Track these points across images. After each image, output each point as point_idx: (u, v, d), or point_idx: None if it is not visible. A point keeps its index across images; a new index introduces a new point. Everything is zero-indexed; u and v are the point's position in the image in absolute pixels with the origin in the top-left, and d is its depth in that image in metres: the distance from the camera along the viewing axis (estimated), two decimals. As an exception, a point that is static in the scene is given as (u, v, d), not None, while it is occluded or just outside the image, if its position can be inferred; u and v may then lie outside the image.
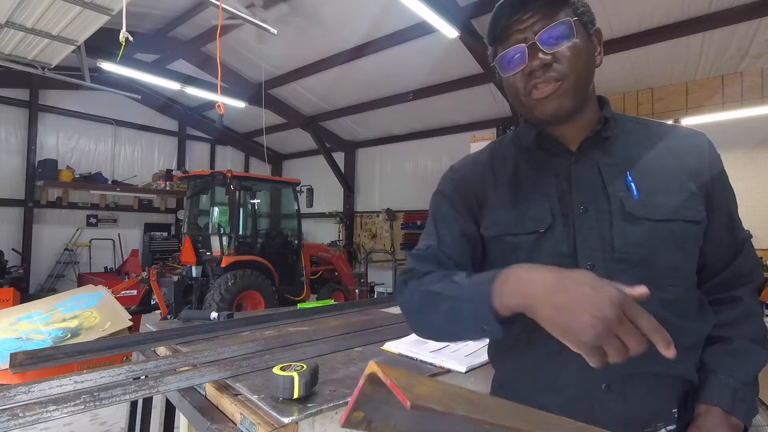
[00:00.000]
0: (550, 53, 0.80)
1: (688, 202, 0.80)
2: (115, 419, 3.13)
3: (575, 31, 0.80)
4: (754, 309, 0.87)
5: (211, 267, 5.27)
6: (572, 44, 0.80)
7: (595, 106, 0.89)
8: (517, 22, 0.82)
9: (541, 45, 0.80)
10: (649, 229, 0.78)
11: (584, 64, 0.83)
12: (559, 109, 0.82)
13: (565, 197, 0.84)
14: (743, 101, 5.49)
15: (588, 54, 0.84)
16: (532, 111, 0.85)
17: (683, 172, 0.82)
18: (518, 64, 0.83)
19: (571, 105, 0.83)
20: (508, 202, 0.89)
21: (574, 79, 0.81)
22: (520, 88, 0.84)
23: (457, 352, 1.26)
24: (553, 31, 0.80)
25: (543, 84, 0.81)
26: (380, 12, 5.58)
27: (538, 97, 0.82)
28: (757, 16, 4.60)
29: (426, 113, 8.04)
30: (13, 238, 7.72)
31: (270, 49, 6.90)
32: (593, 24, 0.86)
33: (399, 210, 9.23)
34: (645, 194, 0.80)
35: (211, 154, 11.10)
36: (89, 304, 3.44)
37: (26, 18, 3.74)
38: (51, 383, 0.92)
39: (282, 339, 1.36)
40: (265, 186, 6.73)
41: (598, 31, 0.87)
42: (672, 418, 0.79)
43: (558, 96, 0.81)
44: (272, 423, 0.83)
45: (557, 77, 0.81)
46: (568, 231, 0.82)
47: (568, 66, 0.80)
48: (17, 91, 7.77)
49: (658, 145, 0.86)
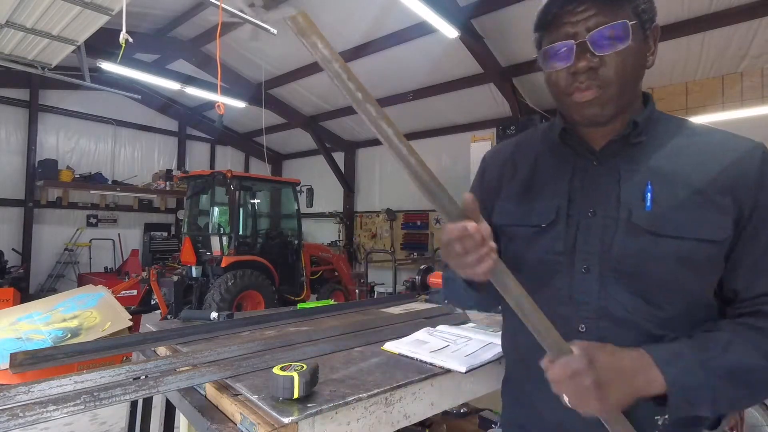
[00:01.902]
0: (599, 56, 0.75)
1: (708, 219, 0.73)
2: (115, 419, 3.13)
3: (631, 35, 0.74)
4: None
5: (211, 267, 5.27)
6: (625, 49, 0.74)
7: (637, 106, 0.83)
8: (570, 13, 0.76)
9: (592, 45, 0.74)
10: (649, 243, 0.74)
11: (633, 70, 0.77)
12: (598, 116, 0.79)
13: (577, 197, 0.84)
14: (743, 101, 5.49)
15: (639, 58, 0.78)
16: (570, 111, 0.82)
17: (716, 187, 0.74)
18: (563, 61, 0.78)
19: (611, 112, 0.79)
20: (521, 195, 0.91)
21: (619, 87, 0.76)
22: (561, 86, 0.80)
23: (457, 352, 1.26)
24: (607, 31, 0.74)
25: (585, 88, 0.77)
26: (380, 12, 5.58)
27: (578, 100, 0.78)
28: (757, 16, 4.60)
29: (426, 113, 8.03)
30: (13, 238, 7.73)
31: (270, 49, 6.90)
32: (652, 21, 0.79)
33: (399, 210, 9.23)
34: (660, 207, 0.75)
35: (211, 154, 11.11)
36: (89, 304, 3.44)
37: (26, 18, 3.74)
38: (51, 383, 0.92)
39: (282, 339, 1.36)
40: (265, 186, 6.73)
41: (655, 29, 0.80)
42: (654, 423, 0.76)
43: (599, 103, 0.77)
44: (272, 423, 0.83)
45: (601, 84, 0.76)
46: (569, 230, 0.82)
47: (615, 73, 0.75)
48: (17, 91, 7.77)
49: (696, 156, 0.78)
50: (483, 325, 1.70)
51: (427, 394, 1.11)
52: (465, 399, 1.25)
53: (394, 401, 1.03)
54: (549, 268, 0.84)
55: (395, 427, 1.04)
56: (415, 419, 1.09)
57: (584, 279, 0.80)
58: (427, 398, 1.11)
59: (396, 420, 1.04)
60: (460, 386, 1.21)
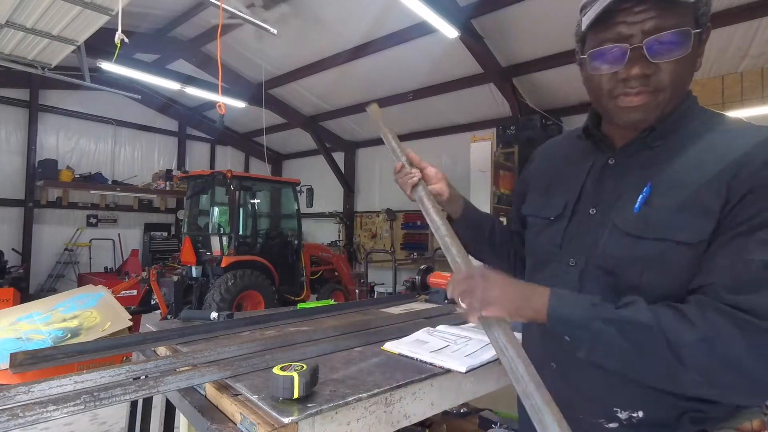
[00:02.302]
0: (654, 63, 0.70)
1: (689, 222, 0.70)
2: (115, 419, 3.13)
3: (691, 43, 0.69)
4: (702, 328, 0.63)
5: (211, 267, 5.27)
6: (682, 57, 0.70)
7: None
8: (626, 12, 0.70)
9: (648, 52, 0.69)
10: (629, 244, 0.74)
11: (687, 76, 0.74)
12: (641, 122, 0.76)
13: (585, 195, 0.85)
14: (743, 101, 5.49)
15: (693, 64, 0.74)
16: (611, 114, 0.79)
17: (711, 188, 0.69)
18: (613, 64, 0.73)
19: (656, 117, 0.75)
20: (545, 188, 0.96)
21: (671, 94, 0.73)
22: (606, 89, 0.76)
23: (457, 352, 1.26)
24: (666, 38, 0.69)
25: (636, 94, 0.73)
26: (380, 12, 5.58)
27: (624, 105, 0.75)
28: (757, 16, 4.60)
29: (426, 113, 8.03)
30: (13, 238, 7.72)
31: (270, 49, 6.90)
32: (708, 22, 0.75)
33: (399, 210, 9.23)
34: (649, 209, 0.73)
35: (211, 154, 11.10)
36: (89, 304, 3.44)
37: (26, 18, 3.74)
38: (51, 383, 0.92)
39: (282, 339, 1.36)
40: (265, 186, 6.72)
41: (708, 29, 0.76)
42: (612, 415, 0.78)
43: (646, 107, 0.73)
44: (272, 423, 0.83)
45: (653, 90, 0.72)
46: (570, 226, 0.85)
47: (670, 81, 0.71)
48: (17, 91, 7.77)
49: (703, 155, 0.73)
50: (483, 325, 1.70)
51: (427, 394, 1.11)
52: (465, 399, 1.25)
53: (394, 401, 1.03)
54: (547, 258, 0.89)
55: (395, 427, 1.04)
56: (415, 419, 1.09)
57: (568, 272, 0.83)
58: (427, 398, 1.11)
59: (396, 420, 1.04)
60: (460, 386, 1.21)
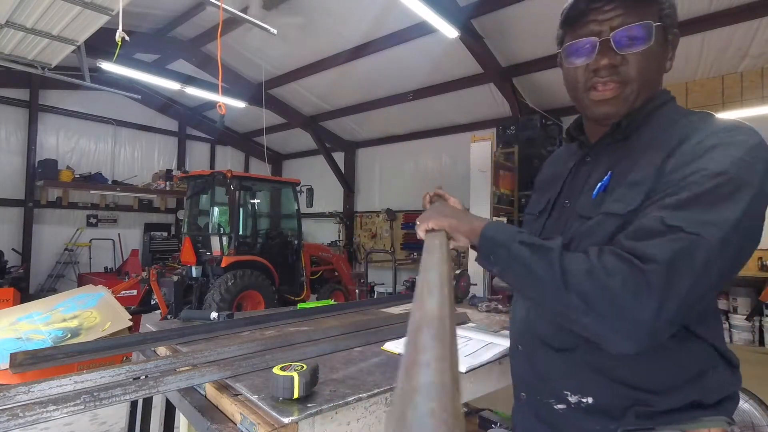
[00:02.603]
0: (621, 54, 0.77)
1: (624, 195, 0.75)
2: (115, 419, 3.13)
3: (653, 36, 0.76)
4: (594, 262, 0.67)
5: (211, 267, 5.27)
6: (646, 49, 0.77)
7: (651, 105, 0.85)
8: (596, 11, 0.78)
9: (615, 44, 0.77)
10: (582, 226, 0.80)
11: (653, 71, 0.80)
12: (613, 114, 0.82)
13: (565, 189, 0.93)
14: (743, 101, 5.49)
15: (660, 60, 0.81)
16: (585, 108, 0.85)
17: (652, 166, 0.74)
18: (585, 57, 0.80)
19: (626, 111, 0.81)
20: (540, 187, 1.06)
21: (638, 86, 0.79)
22: (580, 82, 0.83)
23: (457, 352, 1.26)
24: (631, 31, 0.76)
25: (604, 85, 0.79)
26: (380, 12, 5.58)
27: (595, 98, 0.81)
28: (757, 16, 4.60)
29: (426, 113, 8.03)
30: (13, 238, 7.72)
31: (270, 49, 6.90)
32: (674, 28, 0.82)
33: (399, 210, 9.23)
34: (607, 194, 0.79)
35: (211, 154, 11.10)
36: (89, 304, 3.43)
37: (26, 18, 3.74)
38: (51, 383, 0.92)
39: (282, 339, 1.36)
40: (265, 186, 6.72)
41: (676, 35, 0.84)
42: (563, 397, 0.81)
43: (616, 101, 0.80)
44: (272, 423, 0.83)
45: (621, 81, 0.78)
46: (549, 219, 0.93)
47: (636, 72, 0.78)
48: (17, 91, 7.77)
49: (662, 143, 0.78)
50: (483, 325, 1.70)
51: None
52: (465, 399, 1.25)
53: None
54: None
55: (395, 427, 1.04)
56: (415, 419, 1.09)
57: None
58: (427, 398, 1.11)
59: (396, 420, 1.04)
60: (460, 386, 1.21)
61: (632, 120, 0.83)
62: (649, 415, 0.75)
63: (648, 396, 0.74)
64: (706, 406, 0.75)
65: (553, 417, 0.83)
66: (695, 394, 0.75)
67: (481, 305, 2.10)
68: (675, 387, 0.74)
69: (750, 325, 5.17)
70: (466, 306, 2.19)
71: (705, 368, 0.76)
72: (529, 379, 0.88)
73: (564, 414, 0.81)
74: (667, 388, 0.74)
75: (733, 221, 0.63)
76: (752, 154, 0.67)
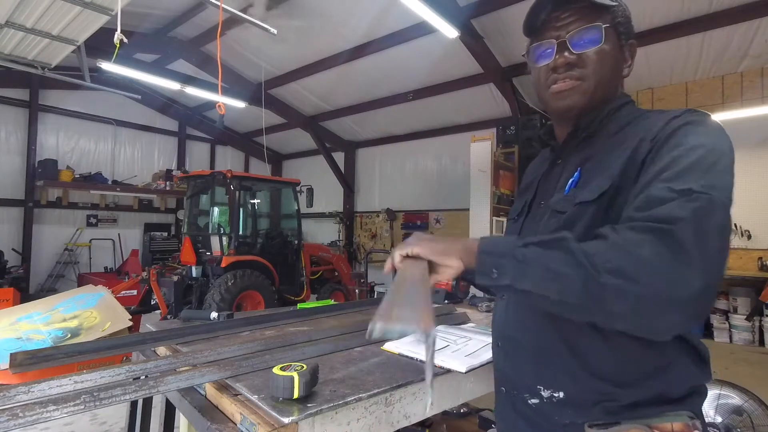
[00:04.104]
0: (576, 54, 0.85)
1: (593, 185, 0.79)
2: (115, 419, 3.13)
3: (604, 38, 0.84)
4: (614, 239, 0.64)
5: (211, 267, 5.27)
6: (599, 49, 0.84)
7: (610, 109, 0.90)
8: (555, 19, 0.87)
9: (570, 44, 0.85)
10: (556, 221, 0.84)
11: (608, 70, 0.87)
12: (570, 106, 0.88)
13: (539, 191, 0.98)
14: (743, 101, 5.49)
15: (614, 62, 0.88)
16: (548, 104, 0.92)
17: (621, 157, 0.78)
18: (546, 58, 0.88)
19: (583, 104, 0.87)
20: (520, 193, 1.10)
21: (594, 83, 0.86)
22: (542, 80, 0.90)
23: (457, 352, 1.26)
24: (584, 33, 0.84)
25: (562, 80, 0.87)
26: (380, 12, 5.58)
27: (554, 90, 0.88)
28: (757, 16, 4.60)
29: (426, 113, 8.04)
30: (13, 238, 7.73)
31: (270, 49, 6.91)
32: (629, 36, 0.89)
33: (399, 210, 9.24)
34: (578, 189, 0.83)
35: (211, 154, 11.11)
36: (89, 304, 3.43)
37: (26, 18, 3.74)
38: (51, 383, 0.92)
39: (282, 339, 1.36)
40: (265, 186, 6.72)
41: (632, 45, 0.91)
42: (536, 392, 0.85)
43: (572, 93, 0.87)
44: (272, 423, 0.83)
45: (577, 77, 0.86)
46: (525, 220, 0.97)
47: (591, 69, 0.85)
48: (17, 91, 7.77)
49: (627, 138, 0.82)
50: (483, 325, 1.70)
51: (427, 394, 1.11)
52: (465, 399, 1.25)
53: (394, 401, 1.03)
54: None
55: (395, 427, 1.04)
56: (415, 419, 1.09)
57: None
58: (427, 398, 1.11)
59: (396, 420, 1.04)
60: (460, 386, 1.21)
61: (594, 118, 0.89)
62: (616, 409, 0.76)
63: (614, 389, 0.76)
64: (672, 400, 0.76)
65: (528, 410, 0.87)
66: (660, 386, 0.75)
67: (481, 305, 2.10)
68: (639, 380, 0.75)
69: (750, 325, 5.17)
70: (466, 306, 2.18)
71: (671, 360, 0.76)
72: (508, 374, 0.93)
73: (537, 408, 0.85)
74: (631, 381, 0.76)
75: (730, 185, 0.68)
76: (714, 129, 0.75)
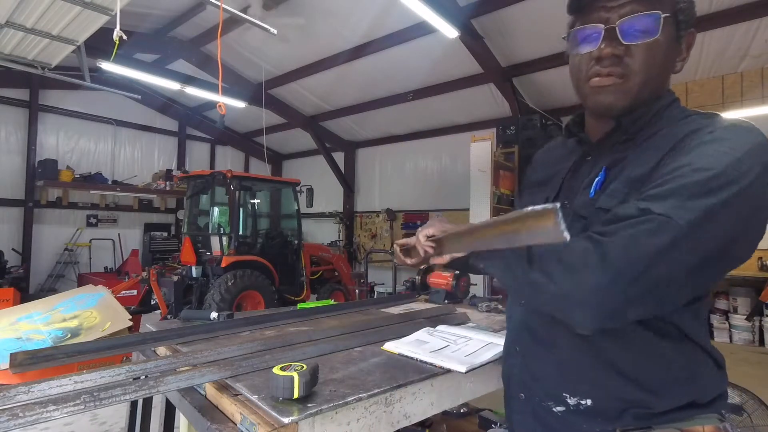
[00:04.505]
0: (625, 45, 0.75)
1: (615, 192, 0.75)
2: (115, 419, 3.13)
3: (661, 29, 0.73)
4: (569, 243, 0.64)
5: (211, 267, 5.27)
6: (652, 42, 0.74)
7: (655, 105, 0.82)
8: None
9: (620, 33, 0.74)
10: (581, 228, 0.79)
11: (658, 66, 0.77)
12: (611, 106, 0.79)
13: (564, 189, 0.90)
14: (743, 101, 5.49)
15: (667, 57, 0.78)
16: (585, 97, 0.83)
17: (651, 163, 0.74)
18: (589, 44, 0.78)
19: (625, 104, 0.78)
20: (534, 186, 1.00)
21: (640, 80, 0.76)
22: (583, 70, 0.81)
23: (457, 352, 1.26)
24: (638, 21, 0.73)
25: (606, 74, 0.77)
26: (380, 12, 5.58)
27: (594, 85, 0.79)
28: (757, 16, 4.60)
29: (426, 113, 8.03)
30: (13, 238, 7.72)
31: (270, 49, 6.90)
32: (689, 25, 0.78)
33: (399, 210, 9.23)
34: (601, 191, 0.78)
35: (211, 154, 11.10)
36: (89, 304, 3.43)
37: (26, 18, 3.74)
38: (51, 383, 0.92)
39: (282, 339, 1.36)
40: (265, 186, 6.72)
41: (691, 35, 0.80)
42: (561, 399, 0.81)
43: (614, 92, 0.77)
44: (272, 423, 0.83)
45: (622, 73, 0.76)
46: None
47: (639, 65, 0.75)
48: (17, 91, 7.77)
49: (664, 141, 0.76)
50: (483, 325, 1.70)
51: (427, 394, 1.11)
52: (465, 399, 1.25)
53: (394, 401, 1.03)
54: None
55: (395, 427, 1.04)
56: (415, 419, 1.09)
57: None
58: (427, 398, 1.11)
59: (396, 420, 1.04)
60: (460, 386, 1.21)
61: (637, 119, 0.80)
62: (647, 416, 0.75)
63: (647, 397, 0.74)
64: (700, 405, 0.76)
65: (551, 418, 0.83)
66: (692, 394, 0.75)
67: (481, 305, 2.10)
68: (673, 388, 0.75)
69: (750, 325, 5.17)
70: (466, 306, 2.19)
71: (699, 369, 0.76)
72: (527, 381, 0.89)
73: (562, 416, 0.81)
74: (665, 389, 0.74)
75: (706, 208, 0.62)
76: (747, 152, 0.65)
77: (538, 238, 0.60)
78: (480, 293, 2.60)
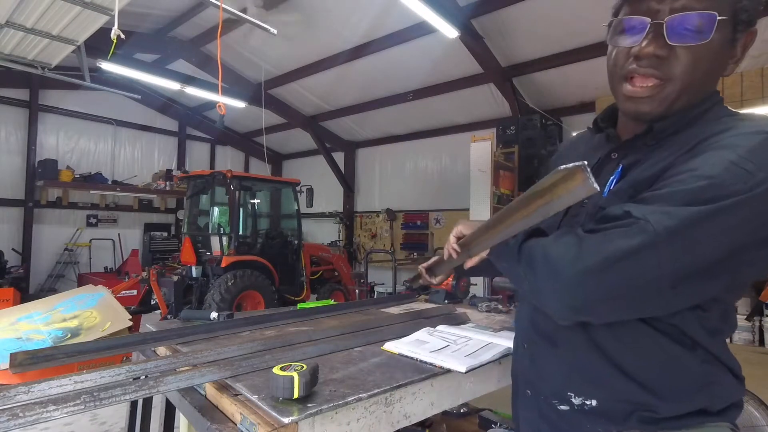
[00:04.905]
0: (670, 45, 0.67)
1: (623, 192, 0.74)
2: (115, 419, 3.13)
3: (714, 31, 0.65)
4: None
5: (211, 267, 5.27)
6: (701, 45, 0.66)
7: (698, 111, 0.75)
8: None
9: (667, 31, 0.67)
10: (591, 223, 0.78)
11: (704, 72, 0.69)
12: (647, 114, 0.73)
13: None
14: (743, 101, 5.49)
15: (717, 61, 0.70)
16: (620, 100, 0.77)
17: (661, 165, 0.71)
18: (631, 38, 0.70)
19: (659, 113, 0.72)
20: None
21: (680, 87, 0.69)
22: (620, 65, 0.74)
23: (457, 352, 1.26)
24: (689, 20, 0.65)
25: (642, 77, 0.70)
26: (380, 12, 5.58)
27: (627, 93, 0.73)
28: (757, 16, 4.60)
29: (426, 113, 8.04)
30: (13, 238, 7.73)
31: (270, 49, 6.91)
32: (750, 24, 0.70)
33: (399, 210, 9.23)
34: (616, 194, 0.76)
35: (211, 154, 11.10)
36: (89, 304, 3.43)
37: (26, 18, 3.74)
38: (51, 383, 0.92)
39: (282, 339, 1.36)
40: (265, 186, 6.72)
41: (750, 35, 0.72)
42: (566, 398, 0.80)
43: (652, 100, 0.71)
44: (272, 423, 0.83)
45: (662, 77, 0.69)
46: (565, 216, 0.89)
47: (682, 71, 0.68)
48: (17, 91, 7.77)
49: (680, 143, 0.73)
50: (483, 325, 1.70)
51: (427, 394, 1.11)
52: (465, 399, 1.25)
53: (394, 401, 1.03)
54: None
55: (395, 427, 1.04)
56: (415, 419, 1.09)
57: None
58: (427, 398, 1.11)
59: (396, 420, 1.04)
60: (460, 386, 1.21)
61: (670, 125, 0.74)
62: (654, 420, 0.73)
63: (655, 401, 0.73)
64: (712, 413, 0.74)
65: (556, 416, 0.82)
66: (703, 401, 0.73)
67: (481, 305, 2.10)
68: (683, 394, 0.73)
69: (750, 325, 5.17)
70: (466, 306, 2.19)
71: (712, 377, 0.74)
72: (533, 378, 0.88)
73: (566, 415, 0.80)
74: (674, 394, 0.73)
75: (690, 216, 0.60)
76: (759, 164, 0.61)
77: (572, 198, 0.61)
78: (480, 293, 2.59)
